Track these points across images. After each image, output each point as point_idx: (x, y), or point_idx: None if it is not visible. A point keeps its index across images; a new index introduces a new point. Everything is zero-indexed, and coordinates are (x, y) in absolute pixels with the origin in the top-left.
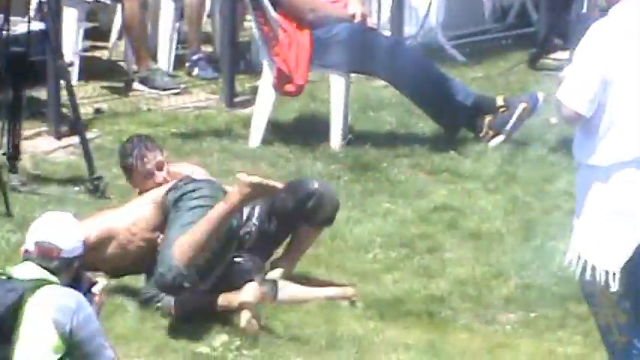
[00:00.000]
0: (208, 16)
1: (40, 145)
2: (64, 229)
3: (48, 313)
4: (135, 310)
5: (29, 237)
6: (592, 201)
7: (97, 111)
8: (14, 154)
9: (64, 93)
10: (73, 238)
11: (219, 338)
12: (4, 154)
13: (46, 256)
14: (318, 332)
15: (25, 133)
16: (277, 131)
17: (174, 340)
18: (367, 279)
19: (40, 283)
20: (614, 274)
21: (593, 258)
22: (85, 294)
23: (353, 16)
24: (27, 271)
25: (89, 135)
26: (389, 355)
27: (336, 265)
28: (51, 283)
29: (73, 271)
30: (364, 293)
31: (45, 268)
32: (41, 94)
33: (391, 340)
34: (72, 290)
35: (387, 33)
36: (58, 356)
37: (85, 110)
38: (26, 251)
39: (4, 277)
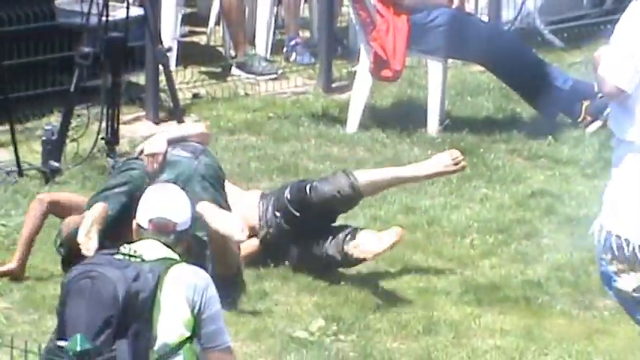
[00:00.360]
0: (306, 1)
1: (139, 129)
2: (175, 201)
3: (181, 290)
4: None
5: (141, 213)
6: (627, 176)
7: (195, 96)
8: (113, 138)
9: (162, 78)
10: (185, 210)
11: (316, 323)
12: (102, 138)
13: (162, 231)
14: (415, 317)
15: (124, 118)
16: (374, 116)
17: (271, 325)
18: (464, 264)
19: (170, 263)
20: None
21: (628, 233)
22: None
23: (450, 1)
24: (153, 250)
25: (187, 120)
26: (486, 341)
27: (432, 251)
28: (178, 261)
29: (188, 241)
30: (461, 279)
31: (162, 243)
32: (140, 79)
33: (488, 326)
34: (200, 269)
35: (485, 18)
36: (189, 333)
37: (183, 95)
38: (140, 227)
39: (138, 259)
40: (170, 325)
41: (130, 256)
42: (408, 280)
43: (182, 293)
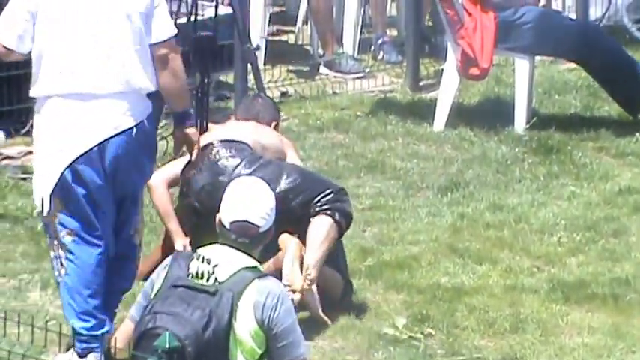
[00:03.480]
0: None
1: None
2: (259, 203)
3: (251, 311)
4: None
5: (225, 212)
6: (36, 131)
7: (284, 94)
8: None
9: (250, 77)
10: (268, 213)
11: (404, 320)
12: None
13: (243, 234)
14: (502, 315)
15: (213, 116)
16: (461, 114)
17: (358, 322)
18: (551, 262)
19: (246, 282)
20: (43, 199)
21: (37, 186)
22: None
23: None
24: (230, 259)
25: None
26: (573, 338)
27: (519, 248)
28: (253, 268)
29: (268, 238)
30: (549, 276)
31: (241, 242)
32: (228, 77)
33: (575, 323)
34: (274, 284)
35: (572, 16)
36: (261, 351)
37: (272, 94)
38: (222, 226)
39: (213, 285)
40: (244, 350)
41: (202, 287)
42: (496, 278)
43: (252, 314)
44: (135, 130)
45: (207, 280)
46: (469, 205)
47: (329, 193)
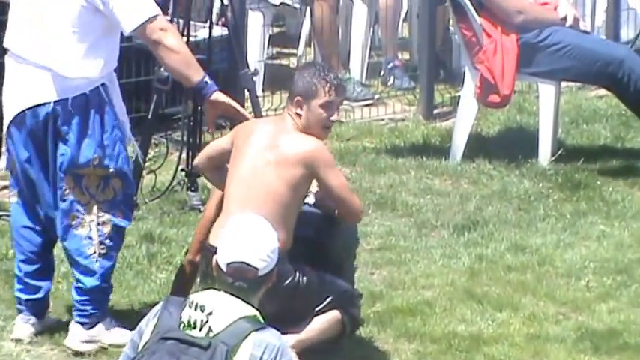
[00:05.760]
0: (405, 20)
1: None
2: (258, 243)
3: None
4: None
5: (221, 253)
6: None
7: None
8: (194, 170)
9: (248, 104)
10: (269, 254)
11: None
12: (182, 170)
13: (241, 277)
14: None
15: None
16: (480, 146)
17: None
18: (579, 308)
19: (242, 335)
20: None
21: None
22: None
23: (564, 19)
24: (224, 311)
25: None
26: None
27: (544, 293)
28: (252, 317)
29: (269, 281)
30: (576, 324)
31: (238, 287)
32: None
33: None
34: (273, 337)
35: (602, 37)
36: None
37: None
38: (219, 268)
39: (206, 337)
40: None
41: (194, 340)
42: (517, 326)
43: None
44: (52, 105)
45: (200, 329)
46: (488, 246)
47: (343, 292)
